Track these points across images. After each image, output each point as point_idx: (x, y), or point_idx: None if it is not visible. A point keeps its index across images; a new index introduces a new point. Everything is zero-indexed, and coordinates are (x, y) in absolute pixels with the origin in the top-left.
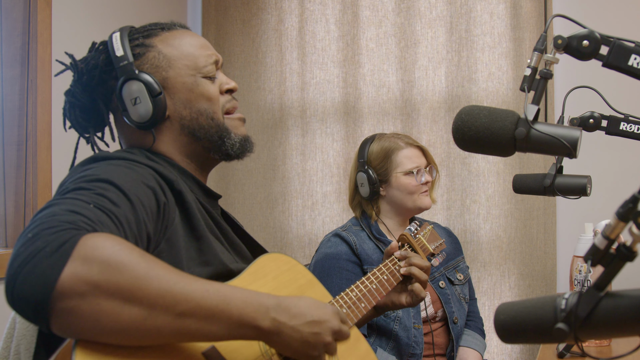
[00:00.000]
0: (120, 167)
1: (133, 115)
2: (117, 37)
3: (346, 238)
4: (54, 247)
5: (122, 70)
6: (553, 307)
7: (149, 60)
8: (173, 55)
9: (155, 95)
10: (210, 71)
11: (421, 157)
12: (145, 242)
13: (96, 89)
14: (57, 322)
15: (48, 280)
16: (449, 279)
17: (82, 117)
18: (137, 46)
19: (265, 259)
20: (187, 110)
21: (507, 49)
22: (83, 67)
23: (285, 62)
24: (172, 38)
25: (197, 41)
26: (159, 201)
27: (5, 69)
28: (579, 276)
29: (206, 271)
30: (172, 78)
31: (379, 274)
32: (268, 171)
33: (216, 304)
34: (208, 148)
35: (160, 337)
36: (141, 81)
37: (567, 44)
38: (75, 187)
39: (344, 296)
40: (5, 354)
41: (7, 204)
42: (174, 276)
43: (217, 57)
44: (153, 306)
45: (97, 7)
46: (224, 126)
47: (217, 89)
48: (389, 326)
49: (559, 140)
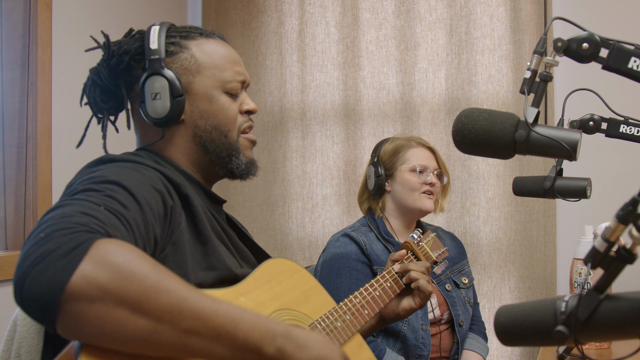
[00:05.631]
0: (129, 170)
1: (149, 110)
2: (156, 31)
3: (356, 238)
4: (66, 249)
5: (151, 63)
6: (553, 309)
7: (180, 61)
8: (203, 62)
9: (176, 96)
10: (234, 88)
11: (431, 159)
12: (152, 245)
13: (121, 74)
14: (63, 323)
15: (59, 281)
16: (455, 282)
17: (100, 98)
18: (172, 44)
19: (270, 264)
20: (203, 121)
21: (507, 51)
22: (115, 49)
23: (285, 64)
24: (207, 45)
25: (231, 55)
26: (166, 204)
27: (5, 71)
28: (579, 279)
29: (211, 276)
30: (197, 84)
31: (383, 281)
32: (268, 173)
33: (223, 325)
34: (215, 162)
35: (163, 350)
36: (166, 79)
37: (567, 47)
38: (84, 188)
39: (347, 302)
40: (6, 357)
41: (7, 207)
42: (184, 291)
43: (245, 77)
44: (160, 319)
45: (97, 9)
46: (236, 145)
47: (236, 108)
48: (397, 327)
49: (559, 143)
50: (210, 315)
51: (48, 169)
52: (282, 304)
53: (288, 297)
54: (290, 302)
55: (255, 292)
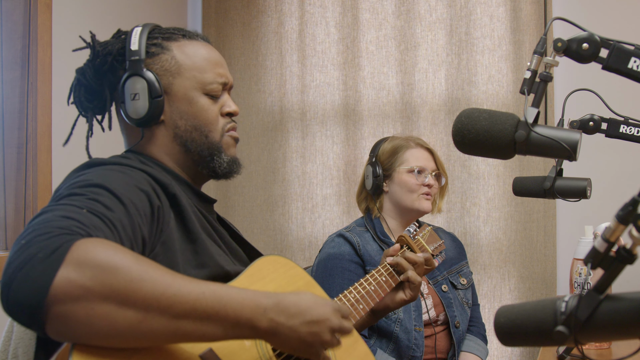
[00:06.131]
0: (114, 172)
1: (129, 110)
2: (137, 32)
3: (349, 238)
4: (47, 252)
5: (132, 64)
6: (553, 309)
7: (160, 62)
8: (184, 64)
9: (155, 96)
10: (214, 90)
11: (430, 160)
12: (140, 245)
13: (106, 75)
14: (52, 326)
15: (41, 285)
16: (452, 283)
17: (85, 97)
18: (154, 45)
19: (263, 261)
20: (183, 121)
21: (507, 51)
22: (100, 50)
23: (285, 64)
24: (189, 47)
25: (212, 57)
26: (153, 204)
27: (5, 72)
28: (579, 279)
29: (202, 273)
30: (176, 85)
31: (378, 276)
32: (268, 174)
33: (212, 306)
34: (197, 161)
35: (156, 339)
36: (145, 79)
37: (566, 47)
38: (68, 193)
39: (342, 298)
40: (3, 357)
41: (7, 207)
42: (169, 278)
43: (227, 79)
44: (148, 309)
45: (97, 9)
46: (218, 144)
47: (216, 110)
48: (390, 328)
49: (559, 143)
50: (197, 298)
51: (48, 169)
52: None
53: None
54: None
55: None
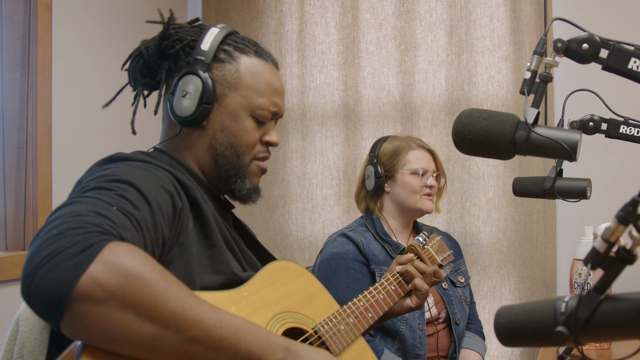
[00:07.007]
0: (139, 169)
1: (175, 105)
2: (213, 33)
3: (353, 238)
4: (78, 248)
5: (195, 62)
6: (553, 310)
7: (223, 70)
8: (245, 81)
9: (204, 102)
10: (263, 116)
11: (431, 161)
12: (160, 246)
13: (167, 59)
14: (68, 323)
15: (68, 280)
16: (451, 280)
17: (140, 71)
18: (224, 51)
19: (274, 267)
20: (222, 135)
21: (507, 52)
22: (172, 32)
23: (285, 65)
24: (257, 66)
25: (275, 84)
26: (175, 206)
27: (5, 72)
28: (579, 279)
29: (217, 279)
30: (229, 98)
31: (387, 284)
32: (268, 174)
33: (226, 336)
34: (222, 177)
35: (165, 357)
36: (202, 83)
37: (566, 47)
38: (96, 186)
39: (351, 305)
40: (8, 357)
41: (7, 207)
42: (190, 300)
43: (279, 110)
44: (165, 326)
45: (97, 10)
46: (245, 169)
47: (257, 135)
48: (396, 326)
49: (559, 144)
50: (214, 325)
51: (48, 169)
52: (286, 307)
53: (291, 300)
54: (293, 304)
55: (258, 294)
